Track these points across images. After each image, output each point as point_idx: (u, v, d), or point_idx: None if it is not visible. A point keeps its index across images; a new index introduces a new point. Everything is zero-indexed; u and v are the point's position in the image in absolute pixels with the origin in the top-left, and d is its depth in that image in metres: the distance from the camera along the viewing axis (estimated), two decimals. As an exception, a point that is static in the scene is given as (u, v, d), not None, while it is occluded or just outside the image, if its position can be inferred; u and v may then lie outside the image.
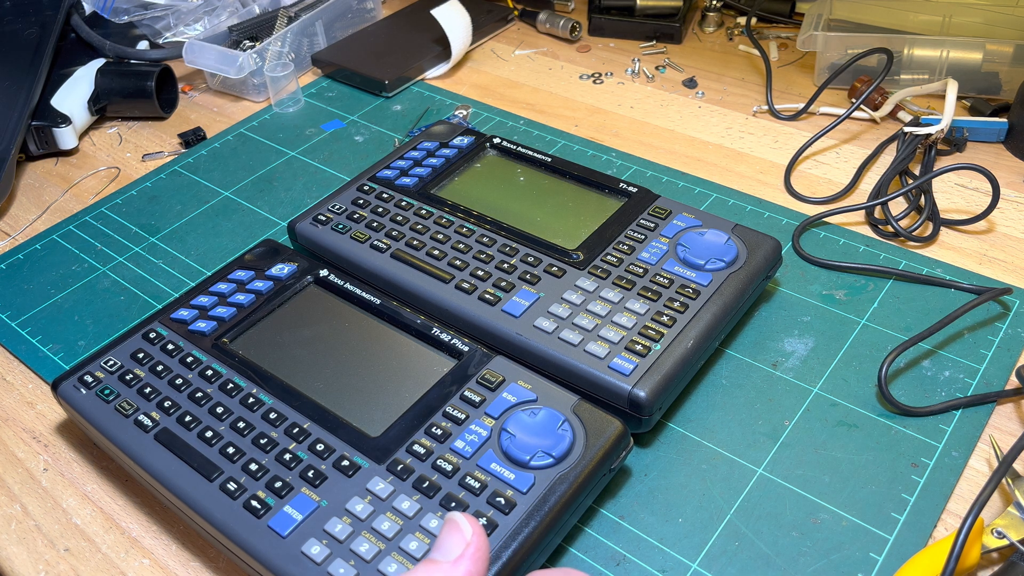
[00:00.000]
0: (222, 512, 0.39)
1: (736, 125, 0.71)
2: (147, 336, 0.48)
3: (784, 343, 0.51)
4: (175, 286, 0.59)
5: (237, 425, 0.42)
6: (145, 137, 0.75)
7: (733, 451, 0.45)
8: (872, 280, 0.55)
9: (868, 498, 0.42)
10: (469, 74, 0.81)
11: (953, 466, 0.44)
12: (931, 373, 0.48)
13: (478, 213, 0.55)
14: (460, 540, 0.32)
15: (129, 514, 0.45)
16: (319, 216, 0.56)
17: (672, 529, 0.42)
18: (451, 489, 0.39)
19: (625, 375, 0.43)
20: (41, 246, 0.63)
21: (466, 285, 0.49)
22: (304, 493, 0.39)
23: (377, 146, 0.71)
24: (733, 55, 0.81)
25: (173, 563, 0.42)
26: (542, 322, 0.47)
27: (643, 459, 0.45)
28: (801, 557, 0.40)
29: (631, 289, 0.48)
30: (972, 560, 0.38)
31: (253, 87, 0.78)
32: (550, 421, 0.41)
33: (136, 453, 0.42)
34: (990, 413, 0.46)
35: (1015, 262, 0.56)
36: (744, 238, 0.51)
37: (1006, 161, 0.65)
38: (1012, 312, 0.52)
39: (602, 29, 0.85)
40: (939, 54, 0.70)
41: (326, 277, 0.51)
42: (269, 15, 0.81)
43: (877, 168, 0.65)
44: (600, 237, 0.52)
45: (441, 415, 0.42)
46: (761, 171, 0.65)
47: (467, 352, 0.45)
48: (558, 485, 0.39)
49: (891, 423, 0.46)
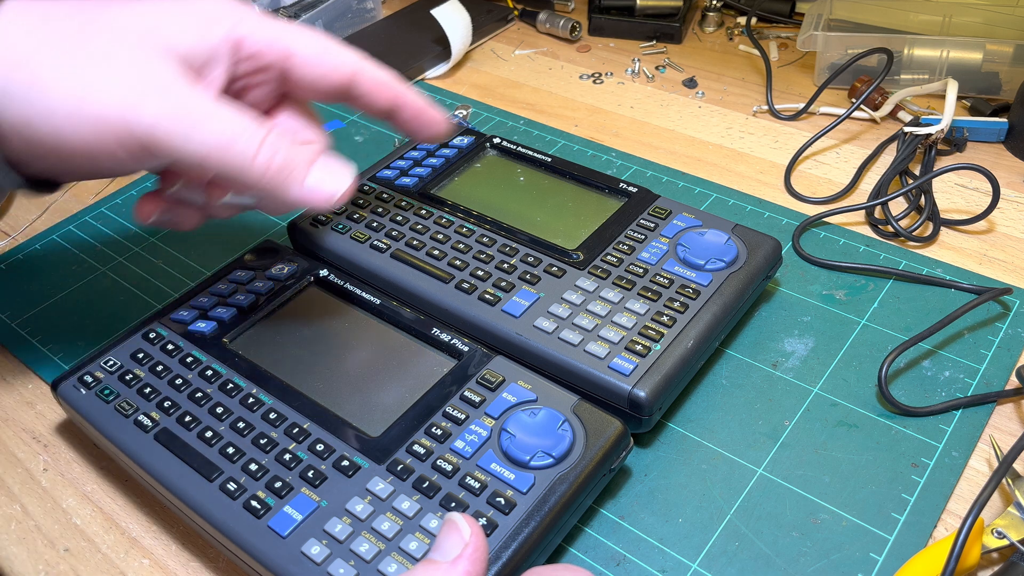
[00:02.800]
0: (222, 512, 0.39)
1: (736, 125, 0.71)
2: (147, 336, 0.48)
3: (784, 343, 0.51)
4: (175, 286, 0.59)
5: (237, 425, 0.42)
6: (145, 137, 0.75)
7: (733, 451, 0.45)
8: (872, 280, 0.55)
9: (868, 498, 0.42)
10: (469, 74, 0.81)
11: (953, 466, 0.44)
12: (931, 373, 0.48)
13: (478, 213, 0.55)
14: (459, 540, 0.32)
15: (129, 514, 0.45)
16: (319, 216, 0.56)
17: (672, 529, 0.42)
18: (451, 489, 0.39)
19: (625, 375, 0.43)
20: (41, 246, 0.63)
21: (466, 285, 0.49)
22: (304, 493, 0.39)
23: (377, 146, 0.71)
24: (733, 55, 0.81)
25: (173, 563, 0.42)
26: (542, 322, 0.47)
27: (643, 459, 0.45)
28: (801, 557, 0.40)
29: (631, 289, 0.48)
30: (972, 560, 0.38)
31: (253, 87, 0.78)
32: (550, 421, 0.41)
33: (136, 453, 0.42)
34: (990, 413, 0.46)
35: (1015, 262, 0.56)
36: (744, 238, 0.51)
37: (1006, 161, 0.65)
38: (1012, 312, 0.52)
39: (602, 29, 0.85)
40: (939, 54, 0.70)
41: (326, 277, 0.51)
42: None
43: (877, 168, 0.65)
44: (600, 237, 0.52)
45: (441, 415, 0.42)
46: (761, 171, 0.65)
47: (467, 352, 0.45)
48: (558, 485, 0.39)
49: (891, 423, 0.46)
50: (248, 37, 0.41)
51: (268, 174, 0.39)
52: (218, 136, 0.37)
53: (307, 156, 0.40)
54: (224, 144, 0.38)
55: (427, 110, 0.46)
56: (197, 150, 0.37)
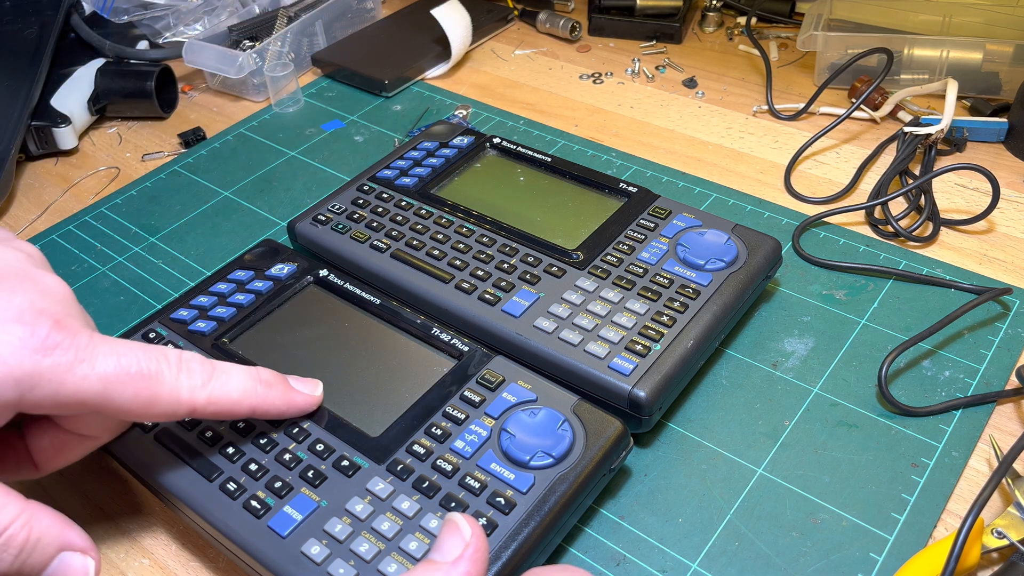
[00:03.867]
0: (222, 512, 0.39)
1: (736, 125, 0.71)
2: (147, 336, 0.48)
3: (784, 343, 0.51)
4: (175, 286, 0.59)
5: (237, 425, 0.42)
6: (145, 137, 0.75)
7: (733, 451, 0.45)
8: (872, 280, 0.55)
9: (868, 498, 0.42)
10: (469, 74, 0.81)
11: (953, 466, 0.44)
12: (931, 373, 0.48)
13: (478, 213, 0.55)
14: (459, 541, 0.32)
15: (129, 514, 0.45)
16: (319, 216, 0.56)
17: (672, 529, 0.42)
18: (451, 489, 0.39)
19: (625, 375, 0.43)
20: (41, 246, 0.63)
21: (466, 285, 0.49)
22: (304, 493, 0.39)
23: (377, 146, 0.71)
24: (733, 55, 0.81)
25: (173, 563, 0.42)
26: (542, 322, 0.47)
27: (643, 459, 0.45)
28: (801, 557, 0.40)
29: (631, 289, 0.48)
30: (972, 560, 0.38)
31: (253, 87, 0.78)
32: (550, 421, 0.41)
33: (136, 454, 0.42)
34: (990, 413, 0.46)
35: (1015, 262, 0.56)
36: (744, 238, 0.51)
37: (1006, 161, 0.65)
38: (1012, 312, 0.52)
39: (602, 29, 0.85)
40: (939, 54, 0.70)
41: (326, 277, 0.51)
42: (269, 15, 0.81)
43: (877, 168, 0.65)
44: (600, 237, 0.52)
45: (441, 415, 0.42)
46: (761, 171, 0.65)
47: (467, 352, 0.45)
48: (558, 485, 0.39)
49: (891, 423, 0.46)
50: (41, 404, 0.34)
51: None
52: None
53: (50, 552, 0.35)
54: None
55: (287, 405, 0.42)
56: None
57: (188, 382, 0.37)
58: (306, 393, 0.42)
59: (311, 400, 0.42)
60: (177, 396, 0.36)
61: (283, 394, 0.41)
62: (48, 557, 0.35)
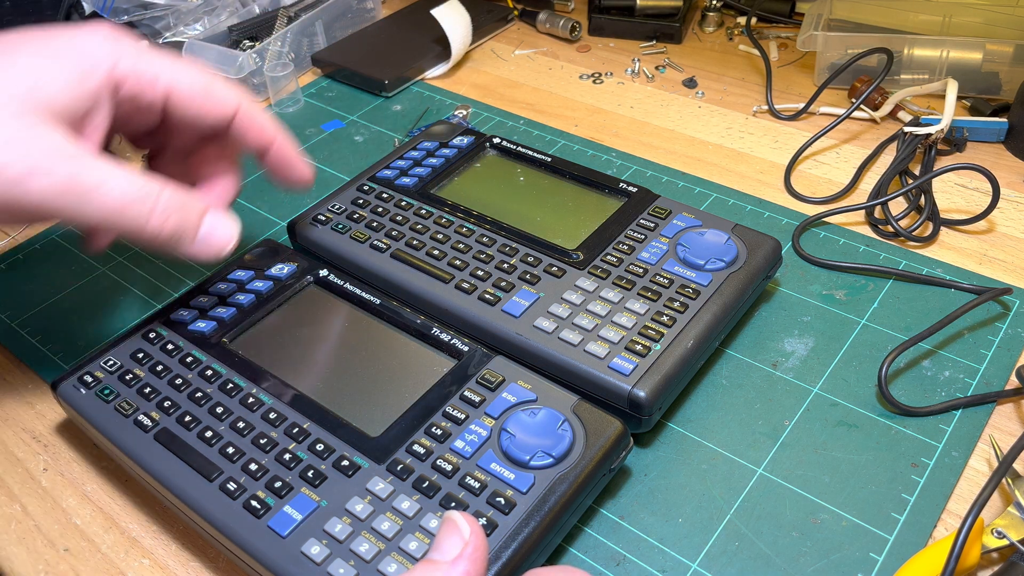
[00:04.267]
0: (222, 512, 0.39)
1: (736, 125, 0.71)
2: (147, 336, 0.48)
3: (784, 343, 0.51)
4: (175, 286, 0.59)
5: (237, 425, 0.42)
6: (145, 137, 0.75)
7: (733, 451, 0.45)
8: (872, 280, 0.55)
9: (868, 498, 0.42)
10: (469, 74, 0.81)
11: (953, 466, 0.44)
12: (931, 373, 0.48)
13: (478, 213, 0.55)
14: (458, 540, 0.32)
15: (129, 514, 0.45)
16: (319, 216, 0.56)
17: (672, 529, 0.42)
18: (451, 489, 0.39)
19: (625, 375, 0.43)
20: (41, 246, 0.63)
21: (466, 285, 0.49)
22: (304, 493, 0.39)
23: (377, 146, 0.71)
24: (733, 55, 0.81)
25: (173, 563, 0.42)
26: (542, 322, 0.47)
27: (643, 459, 0.45)
28: (801, 557, 0.40)
29: (631, 289, 0.48)
30: (972, 560, 0.38)
31: (253, 87, 0.78)
32: (550, 421, 0.41)
33: (136, 453, 0.42)
34: (990, 413, 0.46)
35: (1015, 262, 0.56)
36: (744, 238, 0.51)
37: (1006, 161, 0.65)
38: (1012, 312, 0.52)
39: (602, 29, 0.85)
40: (939, 54, 0.70)
41: (326, 277, 0.51)
42: (269, 15, 0.81)
43: (877, 168, 0.65)
44: (600, 237, 0.52)
45: (441, 415, 0.42)
46: (761, 171, 0.65)
47: (467, 352, 0.45)
48: (558, 485, 0.39)
49: (891, 423, 0.46)
50: (127, 78, 0.42)
51: (162, 234, 0.41)
52: (110, 203, 0.39)
53: (196, 216, 0.42)
54: (117, 210, 0.39)
55: (294, 158, 0.48)
56: (91, 217, 0.39)
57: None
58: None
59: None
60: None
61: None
62: (198, 219, 0.42)
